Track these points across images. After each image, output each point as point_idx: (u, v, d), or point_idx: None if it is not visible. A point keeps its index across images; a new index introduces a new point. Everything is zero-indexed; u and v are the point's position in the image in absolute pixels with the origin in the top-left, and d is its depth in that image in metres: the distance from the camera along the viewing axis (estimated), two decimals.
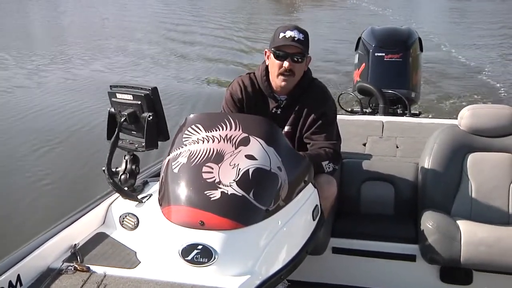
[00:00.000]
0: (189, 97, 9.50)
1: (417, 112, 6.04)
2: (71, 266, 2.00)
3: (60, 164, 6.33)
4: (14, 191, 5.63)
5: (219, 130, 2.14)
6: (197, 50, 14.87)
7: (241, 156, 2.04)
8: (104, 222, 2.39)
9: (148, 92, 2.20)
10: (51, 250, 2.10)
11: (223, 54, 14.01)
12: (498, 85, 10.58)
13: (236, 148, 2.06)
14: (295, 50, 2.60)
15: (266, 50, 2.73)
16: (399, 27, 6.29)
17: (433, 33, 15.97)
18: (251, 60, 12.53)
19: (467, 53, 13.77)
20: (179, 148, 2.14)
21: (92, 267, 1.99)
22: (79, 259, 2.07)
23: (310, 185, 2.28)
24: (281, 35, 2.61)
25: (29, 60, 13.60)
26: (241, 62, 12.62)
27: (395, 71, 5.64)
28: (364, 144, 3.86)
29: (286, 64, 2.60)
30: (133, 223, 2.29)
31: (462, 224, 2.78)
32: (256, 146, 2.08)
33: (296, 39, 2.58)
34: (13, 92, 10.14)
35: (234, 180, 1.97)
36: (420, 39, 5.93)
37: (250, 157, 2.04)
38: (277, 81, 2.67)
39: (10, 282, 1.90)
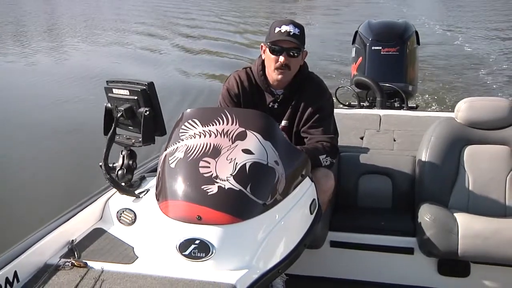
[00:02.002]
0: (186, 91, 9.48)
1: (414, 105, 6.05)
2: (68, 262, 1.99)
3: (57, 160, 6.32)
4: (10, 186, 5.62)
5: (216, 124, 2.13)
6: (195, 43, 14.86)
7: (238, 150, 2.04)
8: (101, 218, 2.38)
9: (144, 87, 2.19)
10: (48, 246, 2.10)
11: (221, 48, 13.99)
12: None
13: (233, 143, 2.06)
14: (291, 45, 2.59)
15: (262, 44, 2.72)
16: (396, 21, 6.29)
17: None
18: (250, 53, 12.56)
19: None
20: (176, 143, 2.13)
21: (90, 263, 1.99)
22: (76, 255, 2.07)
23: (307, 179, 2.28)
24: (277, 29, 2.61)
25: (28, 51, 13.58)
26: (239, 55, 12.62)
27: (392, 65, 5.64)
28: (362, 138, 3.86)
29: (281, 58, 2.60)
30: (130, 219, 2.29)
31: (460, 216, 2.79)
32: (253, 140, 2.08)
33: (291, 33, 2.58)
34: (10, 86, 10.11)
35: (231, 174, 1.97)
36: (417, 32, 5.93)
37: (247, 151, 2.04)
38: (273, 75, 2.67)
39: (6, 278, 1.89)
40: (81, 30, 17.98)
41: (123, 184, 2.33)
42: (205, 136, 2.09)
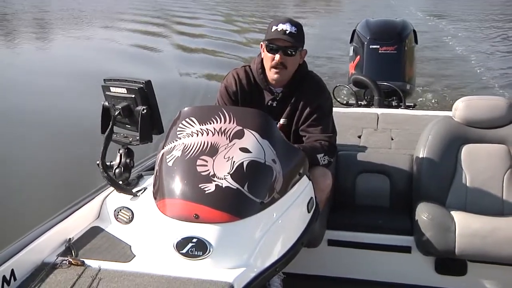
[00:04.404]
0: (184, 89, 9.47)
1: (412, 104, 6.05)
2: (66, 260, 1.99)
3: (54, 158, 6.30)
4: (7, 185, 5.60)
5: (213, 123, 2.13)
6: (192, 42, 14.84)
7: (235, 149, 2.04)
8: (98, 216, 2.38)
9: (142, 86, 2.18)
10: (46, 245, 2.09)
11: (220, 47, 13.97)
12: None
13: (230, 141, 2.06)
14: (287, 44, 2.59)
15: (261, 43, 2.72)
16: (394, 19, 6.29)
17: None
18: (246, 51, 12.55)
19: None
20: (173, 142, 2.13)
21: (87, 261, 1.99)
22: (73, 253, 2.06)
23: (305, 177, 2.28)
24: (274, 28, 2.61)
25: (21, 47, 13.53)
26: (238, 55, 12.61)
27: (390, 63, 5.65)
28: (359, 136, 3.86)
29: (277, 57, 2.60)
30: (127, 217, 2.28)
31: (457, 215, 2.79)
32: (250, 139, 2.08)
33: (287, 32, 2.58)
34: (5, 82, 10.07)
35: (228, 173, 1.97)
36: (415, 31, 5.94)
37: (244, 150, 2.04)
38: (270, 74, 2.68)
39: (4, 277, 1.89)
40: (74, 25, 17.94)
41: (120, 182, 2.33)
42: (202, 135, 2.09)
